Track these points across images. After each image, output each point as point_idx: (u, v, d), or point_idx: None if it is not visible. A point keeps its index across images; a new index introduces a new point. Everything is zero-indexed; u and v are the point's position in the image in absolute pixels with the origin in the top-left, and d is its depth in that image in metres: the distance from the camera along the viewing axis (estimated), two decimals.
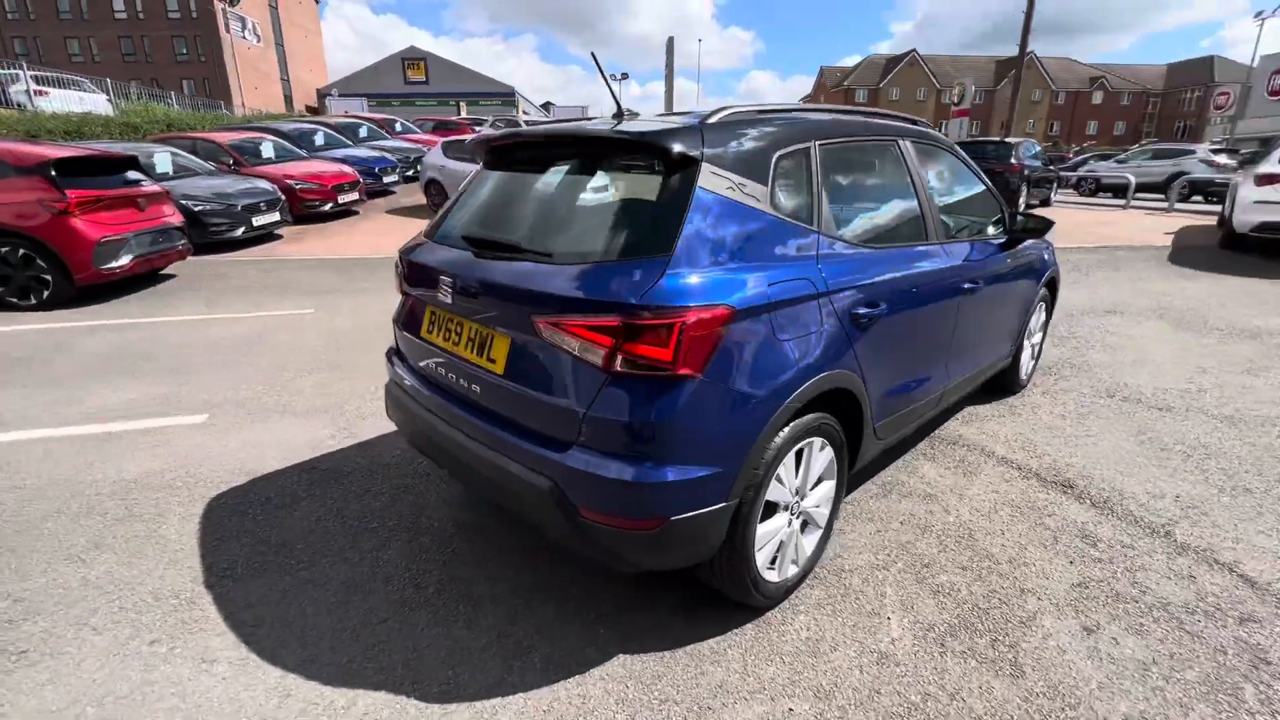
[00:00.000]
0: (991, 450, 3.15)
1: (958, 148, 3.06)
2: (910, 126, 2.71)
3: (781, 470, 1.87)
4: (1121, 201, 14.81)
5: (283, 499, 2.73)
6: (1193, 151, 18.41)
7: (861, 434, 2.20)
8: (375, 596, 2.14)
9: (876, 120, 2.51)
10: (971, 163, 3.15)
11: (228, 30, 43.31)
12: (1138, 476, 2.88)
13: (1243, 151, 19.36)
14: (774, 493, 1.88)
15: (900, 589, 2.16)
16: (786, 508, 1.98)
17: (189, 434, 3.35)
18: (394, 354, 2.47)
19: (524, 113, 48.15)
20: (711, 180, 1.74)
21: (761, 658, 1.87)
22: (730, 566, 1.84)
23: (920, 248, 2.46)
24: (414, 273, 2.21)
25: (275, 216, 9.26)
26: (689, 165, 1.73)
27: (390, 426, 3.42)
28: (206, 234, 8.28)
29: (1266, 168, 7.70)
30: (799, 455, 1.95)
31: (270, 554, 2.36)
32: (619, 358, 1.57)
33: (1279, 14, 28.49)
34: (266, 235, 9.60)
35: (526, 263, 1.80)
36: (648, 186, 1.80)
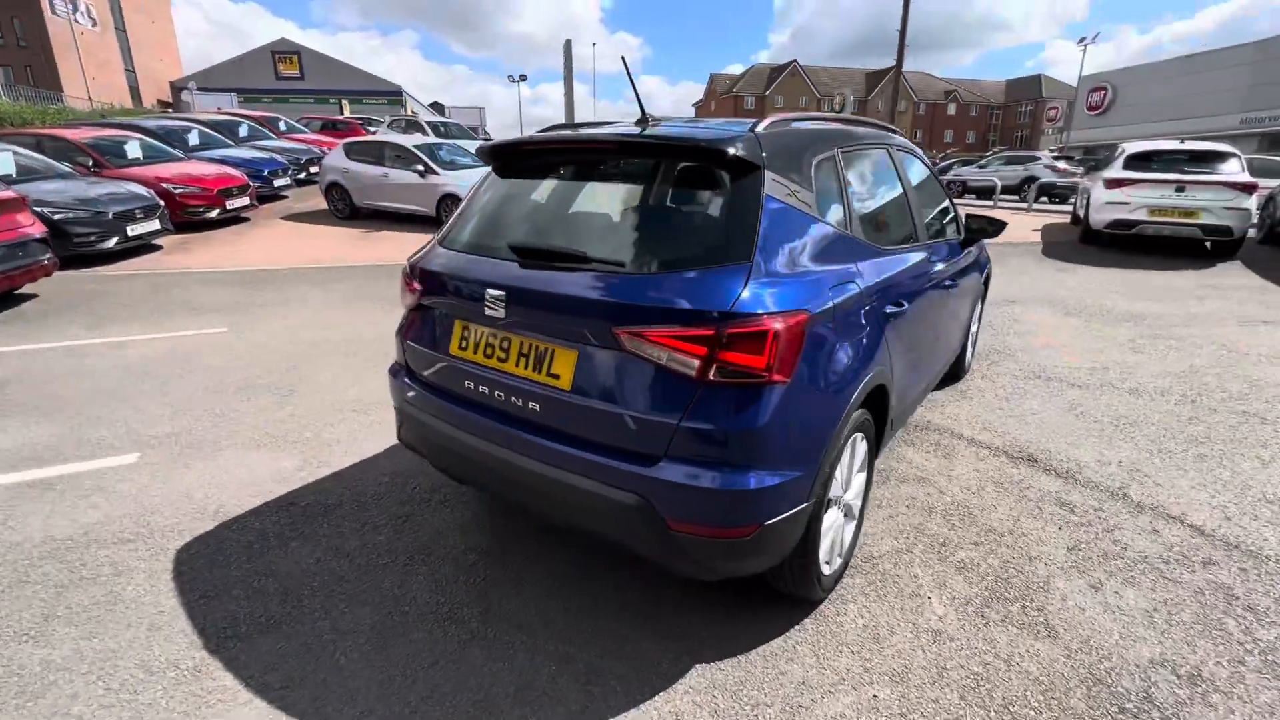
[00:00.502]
0: (960, 433, 3.43)
1: (920, 153, 3.31)
2: (894, 134, 2.90)
3: (838, 467, 1.94)
4: (989, 202, 16.64)
5: (267, 542, 2.44)
6: (1038, 158, 20.99)
7: (885, 426, 2.33)
8: (416, 637, 1.97)
9: (873, 128, 2.67)
10: (931, 167, 3.41)
11: (53, 11, 37.78)
12: (1084, 447, 3.26)
13: (1085, 158, 22.44)
14: (832, 489, 1.94)
15: (929, 569, 2.30)
16: (836, 502, 2.05)
17: (124, 477, 2.90)
18: (405, 373, 2.28)
19: (412, 112, 46.00)
20: (774, 187, 1.77)
21: (830, 650, 1.93)
22: (802, 565, 1.88)
23: (917, 247, 2.64)
24: (439, 285, 2.07)
25: (154, 225, 8.21)
26: (753, 172, 1.75)
27: (369, 452, 3.17)
28: (70, 246, 7.18)
29: (1113, 174, 8.95)
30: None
31: (274, 605, 2.10)
32: (714, 367, 1.56)
33: (1097, 40, 33.53)
34: (143, 247, 8.50)
35: (595, 273, 1.73)
36: (712, 194, 1.79)
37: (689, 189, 1.90)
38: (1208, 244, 8.78)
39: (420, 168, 10.36)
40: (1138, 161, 8.93)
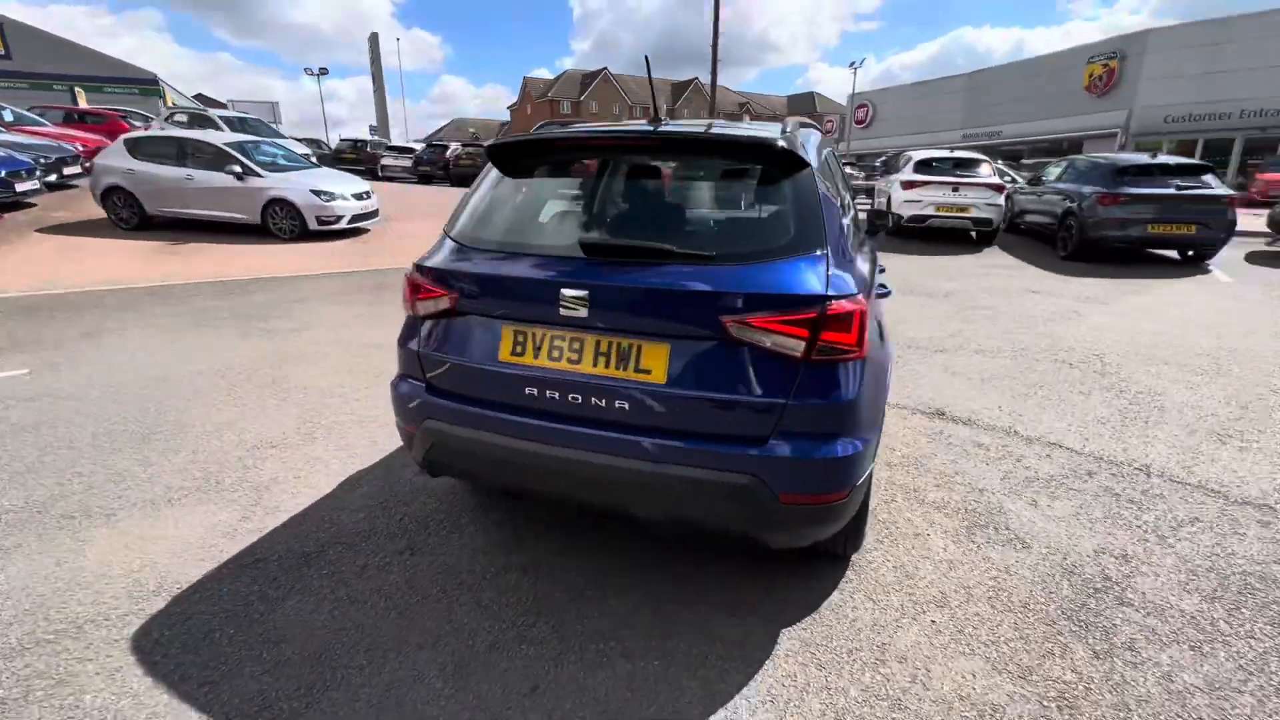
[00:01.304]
0: None
1: None
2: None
3: None
4: None
5: (252, 606, 2.06)
6: None
7: None
8: (501, 667, 1.83)
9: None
10: None
11: None
12: (971, 398, 3.97)
13: (858, 164, 26.39)
14: None
15: (916, 513, 2.68)
16: None
17: (4, 564, 2.22)
18: (427, 389, 2.08)
19: (171, 104, 39.08)
20: (821, 182, 1.95)
21: (880, 593, 2.17)
22: (858, 523, 2.10)
23: (866, 236, 3.02)
24: (486, 290, 1.94)
25: None
26: (805, 168, 1.91)
27: (322, 488, 2.78)
28: None
29: (905, 177, 10.76)
30: None
31: (308, 671, 1.80)
32: (815, 347, 1.69)
33: (862, 64, 39.95)
34: None
35: (688, 266, 1.76)
36: (772, 189, 1.92)
37: (750, 184, 2.00)
38: (974, 233, 10.95)
39: (237, 169, 8.98)
40: (922, 167, 10.82)
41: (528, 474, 1.97)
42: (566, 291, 1.79)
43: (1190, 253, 9.02)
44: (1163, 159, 8.92)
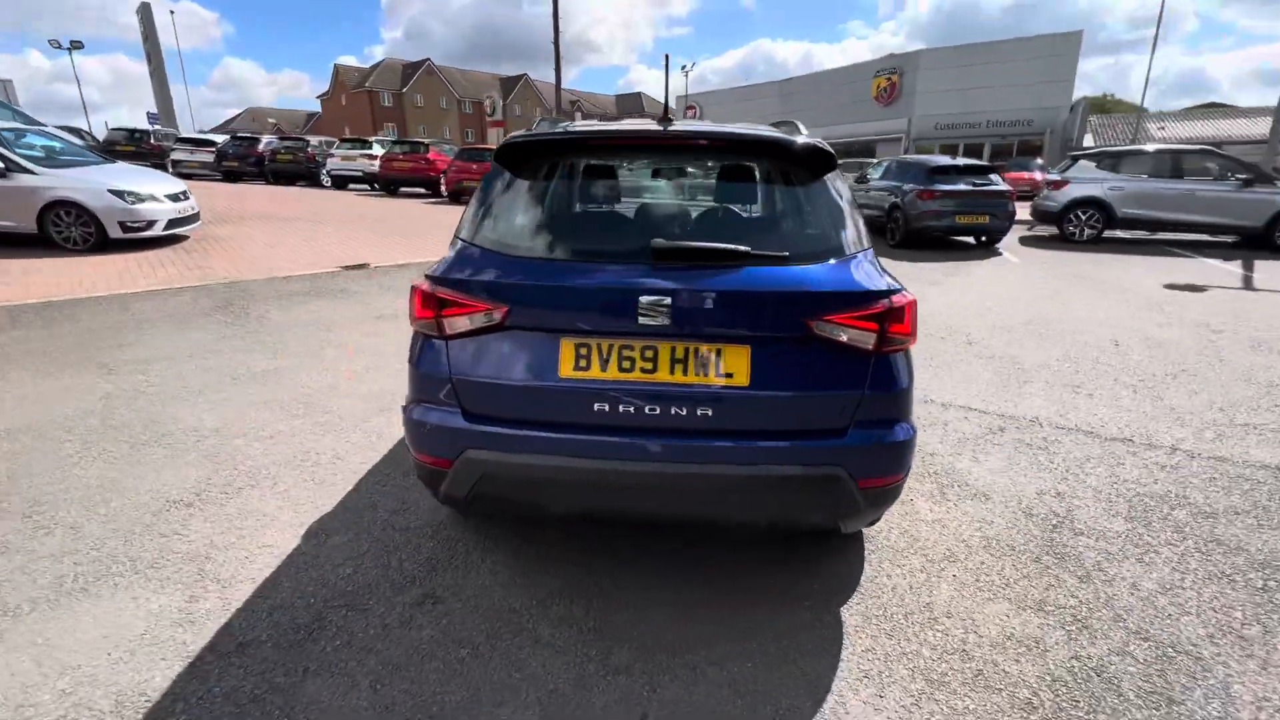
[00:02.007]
0: None
1: None
2: None
3: None
4: None
5: (263, 697, 1.69)
6: None
7: None
8: (595, 703, 1.70)
9: None
10: None
11: None
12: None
13: None
14: None
15: None
16: None
17: None
18: (470, 417, 1.85)
19: None
20: (844, 183, 2.06)
21: (900, 559, 2.37)
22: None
23: None
24: (543, 301, 1.77)
25: None
26: (834, 170, 2.01)
27: (278, 546, 2.35)
28: None
29: None
30: None
31: None
32: (885, 339, 1.79)
33: (672, 64, 42.31)
34: None
35: (763, 267, 1.76)
36: (810, 190, 1.98)
37: (788, 185, 2.04)
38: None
39: None
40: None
41: (603, 494, 1.85)
42: (646, 299, 1.71)
43: (984, 238, 10.89)
44: (961, 160, 10.65)
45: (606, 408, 1.79)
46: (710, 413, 1.77)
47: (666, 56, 2.29)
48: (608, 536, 2.43)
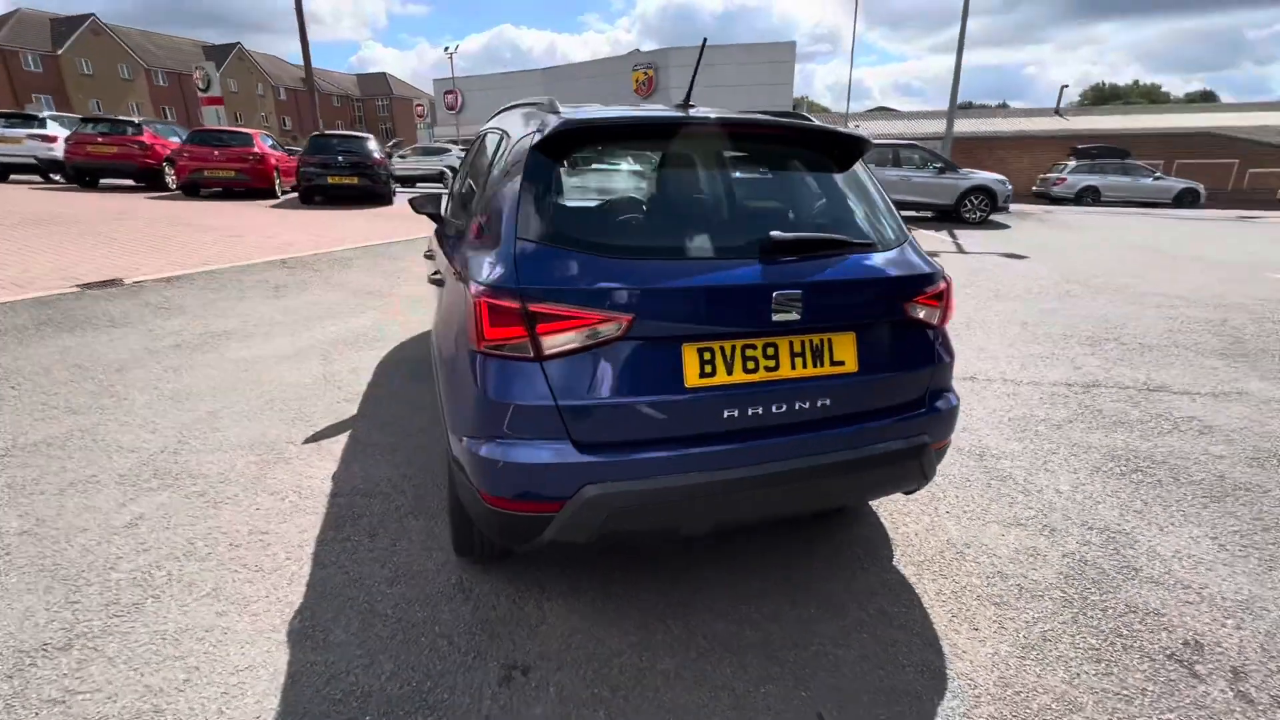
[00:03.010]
0: None
1: None
2: None
3: None
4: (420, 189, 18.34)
5: None
6: (449, 150, 23.95)
7: None
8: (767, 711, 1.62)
9: None
10: None
11: None
12: None
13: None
14: None
15: None
16: None
17: None
18: (584, 448, 1.57)
19: None
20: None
21: (954, 512, 2.63)
22: None
23: None
24: (660, 307, 1.58)
25: None
26: (863, 155, 2.12)
27: (271, 673, 1.78)
28: None
29: None
30: None
31: None
32: (944, 315, 1.98)
33: (453, 51, 39.78)
34: None
35: (862, 255, 1.79)
36: (853, 177, 2.05)
37: (838, 172, 2.06)
38: None
39: None
40: None
41: (736, 504, 1.73)
42: (779, 294, 1.63)
43: None
44: None
45: (735, 412, 1.68)
46: (828, 402, 1.78)
47: (704, 40, 2.16)
48: (644, 551, 2.29)
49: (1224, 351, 4.82)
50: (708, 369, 1.66)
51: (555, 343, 1.56)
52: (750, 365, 1.70)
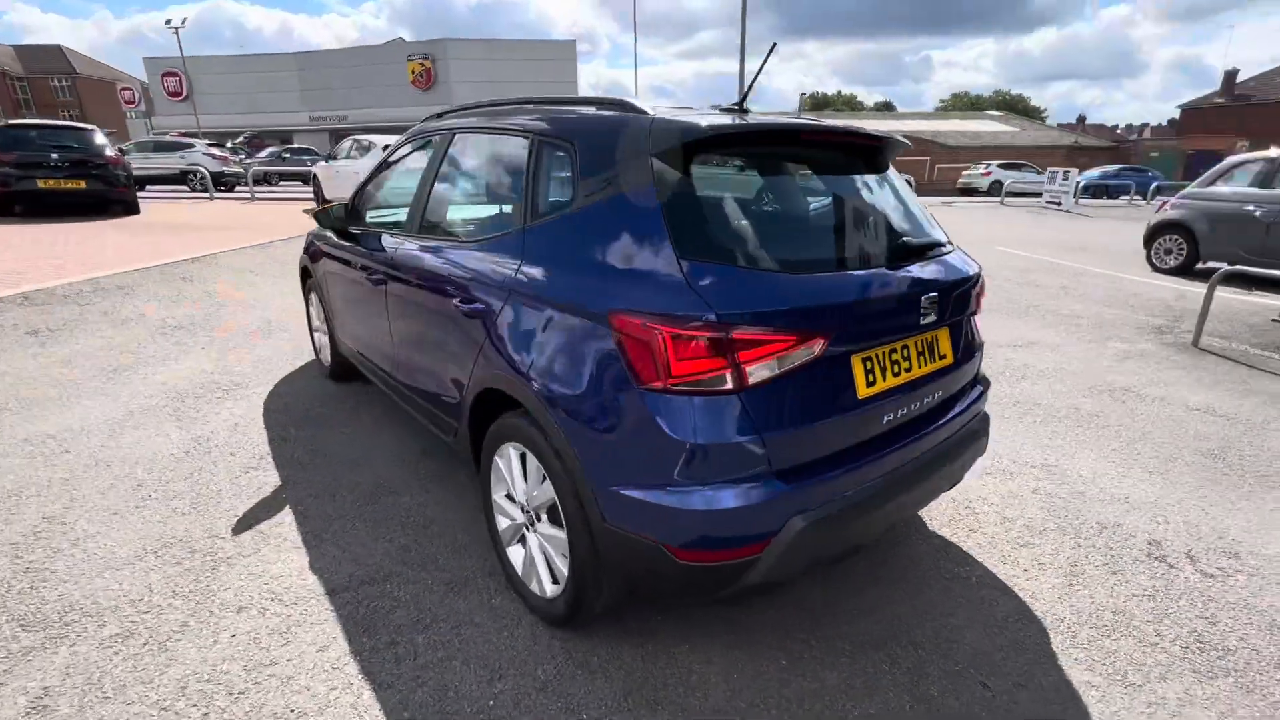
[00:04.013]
0: None
1: None
2: None
3: None
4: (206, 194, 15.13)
5: None
6: (191, 145, 19.81)
7: None
8: (829, 677, 1.70)
9: None
10: None
11: None
12: None
13: (239, 145, 22.63)
14: None
15: None
16: None
17: None
18: (786, 478, 1.45)
19: None
20: None
21: None
22: None
23: None
24: (840, 321, 1.52)
25: None
26: None
27: None
28: None
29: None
30: None
31: None
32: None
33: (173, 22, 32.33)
34: None
35: (950, 257, 1.90)
36: (901, 183, 2.17)
37: (895, 179, 2.12)
38: None
39: None
40: None
41: (901, 506, 1.75)
42: (926, 298, 1.68)
43: None
44: None
45: (891, 415, 1.71)
46: (940, 393, 1.90)
47: (773, 45, 2.03)
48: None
49: (1007, 310, 6.16)
50: (871, 378, 1.66)
51: (757, 371, 1.42)
52: (895, 370, 1.74)
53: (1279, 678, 1.83)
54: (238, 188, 18.11)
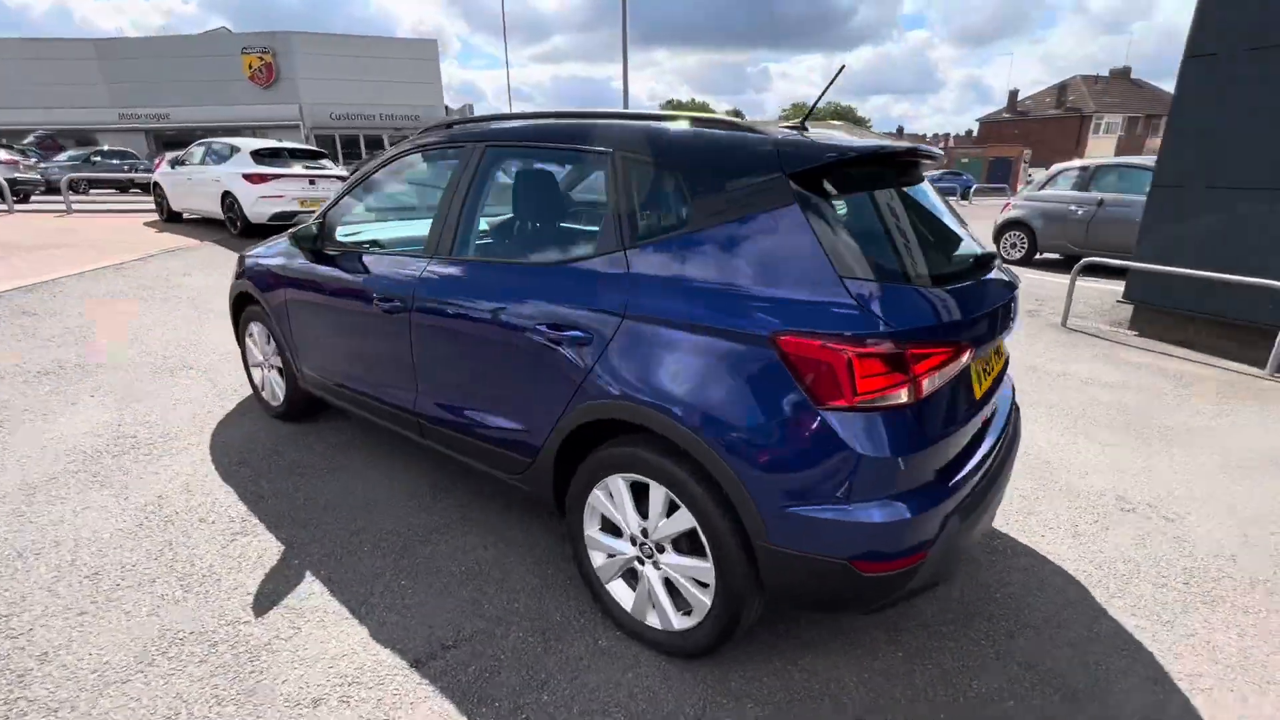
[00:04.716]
0: None
1: None
2: None
3: None
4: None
5: None
6: None
7: None
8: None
9: None
10: None
11: None
12: None
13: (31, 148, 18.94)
14: None
15: None
16: None
17: None
18: (947, 480, 1.53)
19: None
20: None
21: None
22: None
23: None
24: (974, 329, 1.63)
25: None
26: None
27: None
28: None
29: (247, 170, 9.25)
30: None
31: None
32: None
33: None
34: None
35: (997, 263, 2.07)
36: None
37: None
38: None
39: None
40: (260, 157, 9.55)
41: (999, 499, 1.89)
42: (1014, 302, 1.84)
43: None
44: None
45: (987, 413, 1.86)
46: (1002, 387, 2.09)
47: (841, 66, 2.03)
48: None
49: None
50: (981, 380, 1.80)
51: (928, 383, 1.48)
52: (988, 369, 1.89)
53: (1258, 595, 2.24)
54: (33, 197, 15.07)
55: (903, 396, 1.46)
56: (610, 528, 1.95)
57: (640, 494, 1.82)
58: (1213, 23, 5.09)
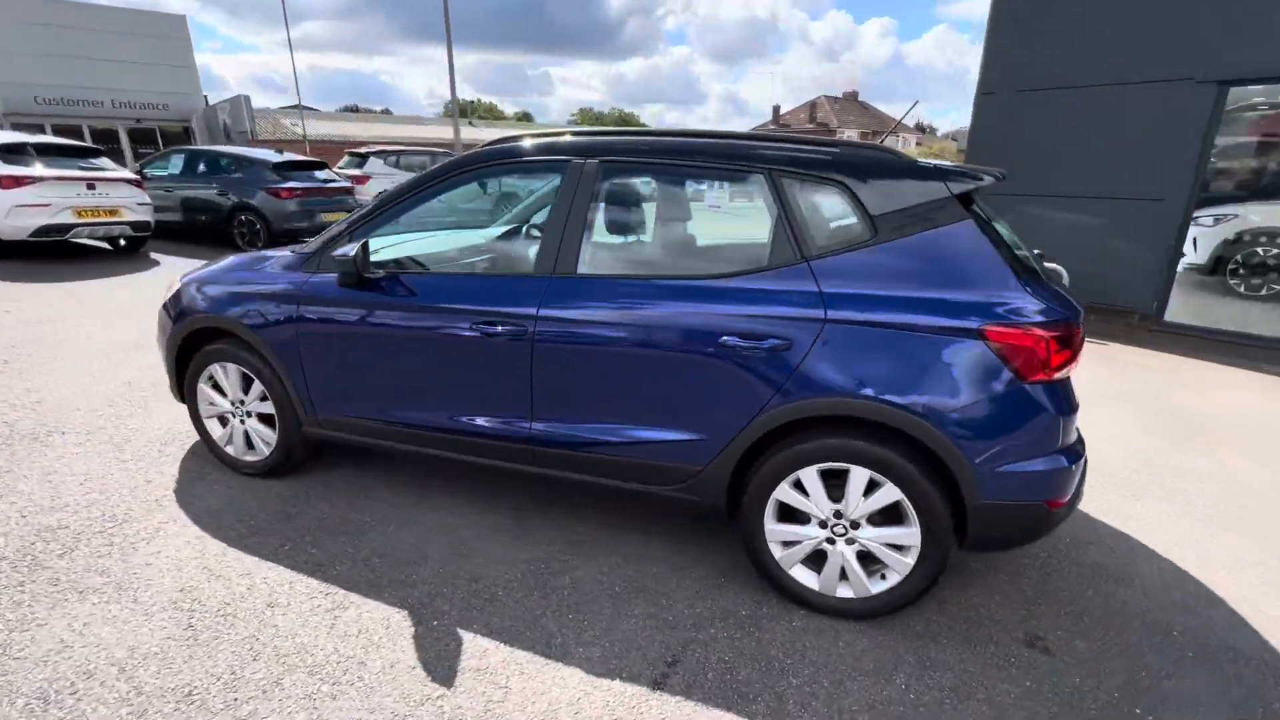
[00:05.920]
0: None
1: None
2: None
3: None
4: None
5: None
6: None
7: None
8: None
9: None
10: None
11: None
12: None
13: None
14: None
15: None
16: None
17: None
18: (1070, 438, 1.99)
19: None
20: None
21: None
22: None
23: None
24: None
25: None
26: None
27: None
28: None
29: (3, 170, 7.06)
30: None
31: None
32: None
33: None
34: None
35: None
36: None
37: None
38: (123, 241, 8.71)
39: None
40: (10, 155, 7.35)
41: None
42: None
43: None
44: (289, 156, 9.93)
45: None
46: None
47: (914, 102, 2.28)
48: None
49: None
50: None
51: (1080, 357, 1.92)
52: None
53: (1236, 519, 3.13)
54: None
55: (1071, 367, 1.89)
56: (788, 518, 2.12)
57: (831, 481, 2.02)
58: (994, 69, 6.66)
